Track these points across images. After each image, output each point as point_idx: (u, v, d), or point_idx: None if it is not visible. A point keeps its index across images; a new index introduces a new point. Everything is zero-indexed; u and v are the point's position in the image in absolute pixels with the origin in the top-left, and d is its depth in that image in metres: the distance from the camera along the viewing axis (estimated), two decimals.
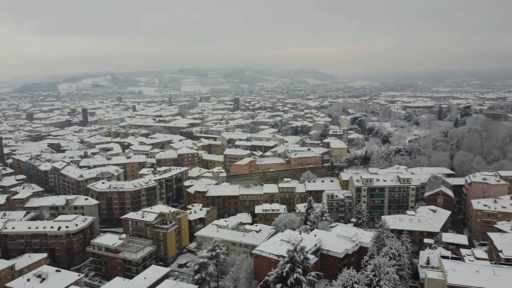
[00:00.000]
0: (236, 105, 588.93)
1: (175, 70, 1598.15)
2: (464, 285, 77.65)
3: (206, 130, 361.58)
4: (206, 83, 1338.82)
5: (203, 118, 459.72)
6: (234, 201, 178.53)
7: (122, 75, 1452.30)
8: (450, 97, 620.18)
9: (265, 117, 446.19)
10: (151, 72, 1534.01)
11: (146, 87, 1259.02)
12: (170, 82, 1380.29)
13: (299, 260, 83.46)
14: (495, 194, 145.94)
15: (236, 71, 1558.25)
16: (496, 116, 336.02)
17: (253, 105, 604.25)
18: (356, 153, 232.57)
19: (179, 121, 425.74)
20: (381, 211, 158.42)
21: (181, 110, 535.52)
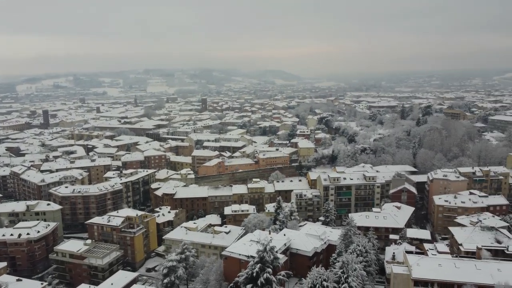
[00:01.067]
0: (204, 106, 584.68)
1: (140, 70, 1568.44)
2: (428, 279, 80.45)
3: (174, 132, 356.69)
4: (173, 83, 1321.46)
5: (170, 119, 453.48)
6: (203, 202, 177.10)
7: (85, 76, 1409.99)
8: (412, 97, 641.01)
9: (233, 118, 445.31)
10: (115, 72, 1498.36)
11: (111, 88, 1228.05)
12: (136, 82, 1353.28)
13: (269, 260, 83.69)
14: (455, 190, 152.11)
15: (203, 71, 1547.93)
16: (455, 115, 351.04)
17: (221, 105, 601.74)
18: (324, 153, 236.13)
19: (146, 123, 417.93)
20: (348, 209, 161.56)
21: (147, 111, 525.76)
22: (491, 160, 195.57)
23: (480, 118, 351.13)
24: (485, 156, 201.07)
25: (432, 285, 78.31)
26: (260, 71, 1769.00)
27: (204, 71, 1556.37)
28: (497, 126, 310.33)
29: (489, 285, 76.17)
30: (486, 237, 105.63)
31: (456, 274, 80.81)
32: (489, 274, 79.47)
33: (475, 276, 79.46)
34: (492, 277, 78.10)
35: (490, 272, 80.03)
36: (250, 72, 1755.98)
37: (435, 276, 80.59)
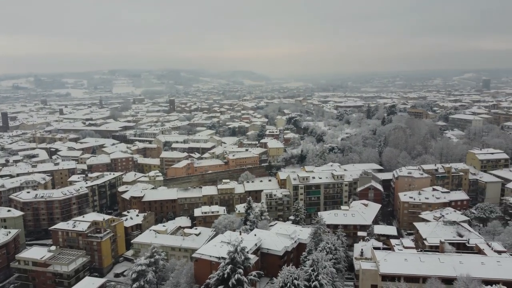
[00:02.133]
0: (172, 107, 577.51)
1: (106, 71, 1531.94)
2: (395, 273, 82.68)
3: (141, 133, 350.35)
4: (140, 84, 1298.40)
5: (137, 120, 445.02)
6: (172, 205, 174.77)
7: (47, 77, 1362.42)
8: (377, 97, 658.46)
9: (202, 119, 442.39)
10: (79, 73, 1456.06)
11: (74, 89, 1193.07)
12: (101, 83, 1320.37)
13: (240, 261, 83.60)
14: (419, 187, 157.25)
15: (170, 72, 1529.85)
16: (418, 114, 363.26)
17: (189, 106, 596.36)
18: (293, 152, 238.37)
19: (112, 124, 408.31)
20: (318, 208, 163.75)
21: (113, 113, 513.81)
22: (452, 157, 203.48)
23: (442, 117, 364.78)
24: (446, 153, 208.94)
25: (399, 279, 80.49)
26: (229, 72, 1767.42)
27: (171, 71, 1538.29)
28: (457, 124, 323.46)
29: (452, 277, 79.10)
30: (448, 231, 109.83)
31: (421, 268, 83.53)
32: (451, 266, 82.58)
33: (439, 269, 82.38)
34: (454, 269, 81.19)
35: (453, 264, 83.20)
36: (218, 72, 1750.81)
37: (402, 271, 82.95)
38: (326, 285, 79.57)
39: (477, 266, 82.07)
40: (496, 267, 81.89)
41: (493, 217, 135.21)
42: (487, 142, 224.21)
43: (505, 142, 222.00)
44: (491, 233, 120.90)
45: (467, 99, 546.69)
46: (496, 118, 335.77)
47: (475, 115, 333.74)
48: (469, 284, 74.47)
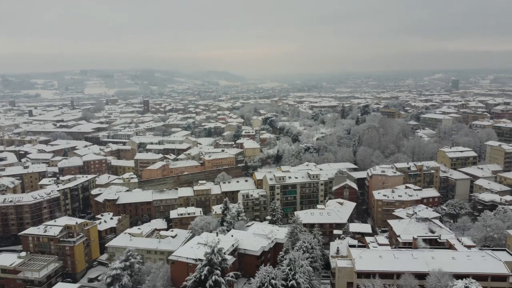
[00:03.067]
0: (146, 108, 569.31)
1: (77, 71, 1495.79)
2: (370, 270, 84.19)
3: (114, 135, 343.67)
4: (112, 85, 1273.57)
5: (110, 122, 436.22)
6: (147, 207, 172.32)
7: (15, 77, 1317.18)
8: (351, 97, 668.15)
9: (177, 120, 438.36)
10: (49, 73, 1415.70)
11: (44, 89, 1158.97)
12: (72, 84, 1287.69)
13: (217, 262, 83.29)
14: (393, 185, 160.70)
15: (144, 72, 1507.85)
16: (390, 113, 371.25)
17: (164, 107, 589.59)
18: (269, 153, 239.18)
19: (84, 126, 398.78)
20: (294, 207, 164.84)
21: (85, 114, 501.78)
22: (424, 156, 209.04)
23: (413, 116, 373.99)
24: (418, 151, 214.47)
25: (374, 276, 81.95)
26: (204, 72, 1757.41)
27: (145, 72, 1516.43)
28: (428, 123, 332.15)
29: (424, 272, 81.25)
30: (421, 228, 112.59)
31: (395, 264, 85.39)
32: (424, 262, 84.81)
33: (412, 265, 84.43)
34: (427, 264, 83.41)
35: (425, 260, 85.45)
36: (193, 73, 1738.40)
37: (377, 268, 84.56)
38: (303, 284, 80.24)
39: (448, 261, 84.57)
40: (466, 262, 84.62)
41: (462, 213, 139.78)
42: (456, 141, 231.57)
43: (473, 140, 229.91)
44: (461, 229, 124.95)
45: (437, 99, 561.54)
46: (464, 117, 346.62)
47: (445, 114, 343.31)
48: (441, 279, 76.68)
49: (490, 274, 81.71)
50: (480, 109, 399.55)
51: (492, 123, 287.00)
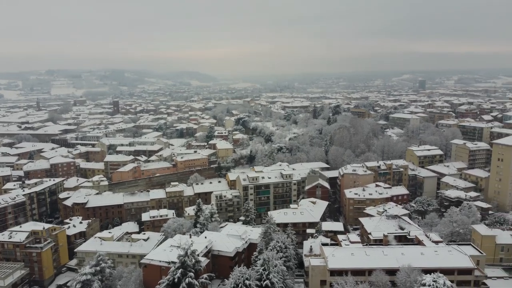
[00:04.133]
0: (116, 109, 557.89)
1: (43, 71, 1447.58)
2: (342, 268, 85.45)
3: (83, 137, 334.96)
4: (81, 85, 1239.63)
5: (78, 123, 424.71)
6: (118, 210, 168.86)
7: None
8: (322, 97, 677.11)
9: (148, 121, 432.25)
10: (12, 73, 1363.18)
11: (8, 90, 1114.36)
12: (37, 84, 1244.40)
13: (190, 264, 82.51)
14: (363, 183, 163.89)
15: (113, 72, 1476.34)
16: (361, 113, 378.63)
17: (134, 108, 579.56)
18: (242, 153, 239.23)
19: (51, 128, 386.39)
20: (268, 207, 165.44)
21: (52, 116, 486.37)
22: (393, 154, 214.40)
23: (383, 116, 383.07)
24: (387, 150, 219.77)
25: (347, 273, 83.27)
26: (175, 72, 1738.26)
27: (115, 72, 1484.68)
28: (397, 123, 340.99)
29: (395, 268, 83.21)
30: (391, 225, 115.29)
31: (367, 261, 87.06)
32: (394, 258, 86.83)
33: (383, 261, 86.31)
34: (397, 261, 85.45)
35: (396, 256, 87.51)
36: (164, 73, 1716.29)
37: (349, 265, 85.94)
38: (277, 283, 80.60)
39: (417, 256, 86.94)
40: (434, 257, 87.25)
41: (430, 210, 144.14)
42: (423, 140, 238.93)
43: (440, 139, 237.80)
44: (429, 225, 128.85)
45: (405, 99, 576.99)
46: (431, 116, 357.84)
47: (412, 114, 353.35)
48: (410, 274, 78.79)
49: (456, 268, 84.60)
50: (446, 109, 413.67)
51: (457, 122, 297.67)
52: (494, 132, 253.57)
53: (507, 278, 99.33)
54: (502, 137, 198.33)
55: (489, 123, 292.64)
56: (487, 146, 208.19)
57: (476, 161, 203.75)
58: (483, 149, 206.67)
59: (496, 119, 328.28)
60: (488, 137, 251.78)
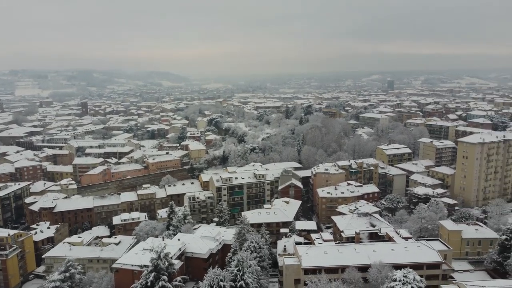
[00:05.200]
0: (84, 110, 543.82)
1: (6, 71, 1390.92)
2: (316, 266, 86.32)
3: (50, 139, 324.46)
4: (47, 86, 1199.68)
5: (45, 125, 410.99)
6: (88, 214, 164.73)
7: None
8: (294, 98, 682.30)
9: (118, 122, 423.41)
10: None
11: None
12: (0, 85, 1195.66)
13: (163, 267, 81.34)
14: (335, 182, 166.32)
15: (81, 72, 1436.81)
16: (332, 113, 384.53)
17: (104, 109, 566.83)
18: (215, 154, 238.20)
19: (15, 130, 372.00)
20: (241, 208, 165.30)
21: (16, 117, 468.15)
22: (364, 153, 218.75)
23: (353, 116, 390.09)
24: (358, 149, 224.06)
25: (320, 271, 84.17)
26: (146, 73, 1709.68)
27: (83, 72, 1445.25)
28: (367, 122, 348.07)
29: (367, 265, 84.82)
30: (362, 223, 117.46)
31: (340, 258, 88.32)
32: (366, 255, 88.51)
33: (355, 258, 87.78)
34: (369, 257, 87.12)
35: (367, 253, 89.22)
36: (135, 73, 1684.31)
37: (322, 263, 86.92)
38: (251, 283, 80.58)
39: (388, 253, 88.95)
40: (404, 253, 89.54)
41: (400, 207, 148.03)
42: (393, 138, 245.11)
43: (408, 138, 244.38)
44: (399, 221, 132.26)
45: (374, 99, 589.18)
46: (400, 116, 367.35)
47: (382, 113, 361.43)
48: (382, 270, 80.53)
49: (425, 263, 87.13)
50: (413, 108, 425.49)
51: (424, 121, 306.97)
52: (459, 131, 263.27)
53: (473, 271, 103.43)
54: (466, 135, 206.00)
55: (454, 122, 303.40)
56: (452, 144, 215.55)
57: (443, 159, 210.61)
58: (449, 147, 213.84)
59: (461, 118, 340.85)
60: (454, 135, 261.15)
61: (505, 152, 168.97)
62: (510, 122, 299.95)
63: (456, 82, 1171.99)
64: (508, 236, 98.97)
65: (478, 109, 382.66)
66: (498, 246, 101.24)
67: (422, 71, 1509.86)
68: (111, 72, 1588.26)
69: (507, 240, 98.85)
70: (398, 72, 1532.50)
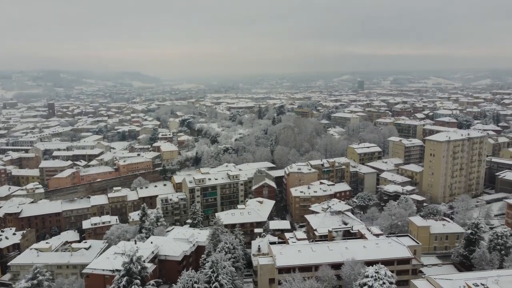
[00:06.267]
0: (51, 111, 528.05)
1: None
2: (290, 265, 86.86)
3: (15, 142, 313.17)
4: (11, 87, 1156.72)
5: (9, 127, 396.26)
6: (56, 219, 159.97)
7: None
8: (267, 98, 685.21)
9: (87, 123, 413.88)
10: None
11: None
12: None
13: (136, 271, 79.89)
14: (308, 181, 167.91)
15: (48, 73, 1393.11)
16: (304, 113, 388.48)
17: (72, 110, 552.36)
18: (187, 155, 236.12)
19: None
20: (215, 209, 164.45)
21: None
22: (335, 152, 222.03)
23: (325, 116, 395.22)
24: (330, 149, 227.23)
25: (294, 270, 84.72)
26: (115, 73, 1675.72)
27: (49, 72, 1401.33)
28: (338, 122, 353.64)
29: (339, 262, 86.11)
30: (335, 221, 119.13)
31: (313, 257, 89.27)
32: (339, 253, 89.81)
33: (328, 256, 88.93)
34: (341, 255, 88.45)
35: (340, 251, 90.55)
36: (104, 74, 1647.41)
37: (296, 262, 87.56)
38: (226, 284, 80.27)
39: (360, 249, 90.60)
40: (375, 249, 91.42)
41: (371, 204, 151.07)
42: (363, 138, 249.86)
43: (378, 136, 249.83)
44: (370, 219, 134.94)
45: (345, 99, 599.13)
46: (370, 115, 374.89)
47: (352, 113, 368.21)
48: (354, 267, 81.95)
49: (396, 259, 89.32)
50: (383, 108, 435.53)
51: (393, 121, 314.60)
52: (426, 129, 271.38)
53: (441, 265, 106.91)
54: (433, 134, 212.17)
55: (421, 121, 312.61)
56: (420, 142, 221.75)
57: (411, 157, 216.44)
58: (417, 145, 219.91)
59: (428, 117, 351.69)
60: (421, 134, 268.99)
61: (470, 149, 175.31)
62: (474, 121, 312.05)
63: (423, 82, 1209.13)
64: (473, 230, 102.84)
65: (444, 108, 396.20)
66: (464, 240, 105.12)
67: (391, 72, 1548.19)
68: (80, 72, 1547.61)
69: (472, 234, 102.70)
70: (368, 72, 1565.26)
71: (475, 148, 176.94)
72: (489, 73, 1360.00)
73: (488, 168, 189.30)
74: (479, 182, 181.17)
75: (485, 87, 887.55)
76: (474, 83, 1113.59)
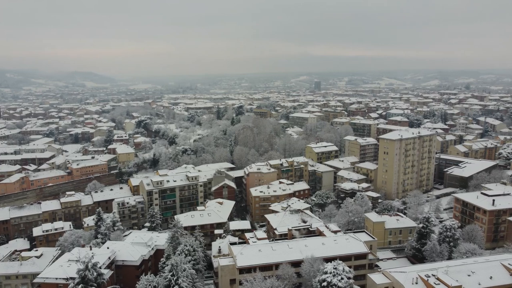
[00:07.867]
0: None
1: None
2: (251, 265, 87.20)
3: None
4: None
5: None
6: (4, 227, 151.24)
7: None
8: (225, 98, 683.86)
9: (36, 126, 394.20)
10: None
11: None
12: None
13: (92, 278, 77.12)
14: (268, 181, 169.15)
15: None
16: (263, 114, 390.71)
17: (19, 112, 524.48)
18: (145, 157, 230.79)
19: None
20: (174, 211, 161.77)
21: None
22: (294, 152, 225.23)
23: (283, 116, 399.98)
24: (289, 148, 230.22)
25: (255, 270, 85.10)
26: (67, 73, 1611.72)
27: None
28: (296, 122, 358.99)
29: (299, 260, 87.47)
30: (294, 219, 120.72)
31: (274, 256, 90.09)
32: (299, 250, 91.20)
33: (288, 254, 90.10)
34: (301, 252, 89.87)
35: (300, 248, 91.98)
36: (54, 73, 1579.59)
37: (257, 261, 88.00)
38: (186, 287, 79.21)
39: (319, 246, 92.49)
40: (333, 246, 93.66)
41: (329, 202, 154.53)
42: (320, 137, 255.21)
43: (335, 136, 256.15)
44: (328, 216, 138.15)
45: (303, 99, 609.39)
46: (326, 115, 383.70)
47: (310, 113, 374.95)
48: (314, 264, 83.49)
49: (353, 254, 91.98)
50: (339, 108, 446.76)
51: (348, 120, 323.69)
52: (380, 128, 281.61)
53: (395, 258, 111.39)
54: (386, 132, 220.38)
55: (375, 120, 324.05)
56: (375, 141, 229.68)
57: (366, 155, 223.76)
58: (371, 144, 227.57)
59: (381, 117, 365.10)
60: (375, 133, 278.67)
61: (420, 147, 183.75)
62: (424, 120, 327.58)
63: (377, 83, 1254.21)
64: (425, 224, 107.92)
65: (396, 108, 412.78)
66: (416, 234, 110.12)
67: (347, 72, 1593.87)
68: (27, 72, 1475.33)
69: (423, 228, 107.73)
70: (324, 73, 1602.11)
71: (425, 146, 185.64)
72: (437, 74, 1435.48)
73: (437, 165, 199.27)
74: (429, 178, 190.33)
75: (433, 88, 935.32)
76: (423, 84, 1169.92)
